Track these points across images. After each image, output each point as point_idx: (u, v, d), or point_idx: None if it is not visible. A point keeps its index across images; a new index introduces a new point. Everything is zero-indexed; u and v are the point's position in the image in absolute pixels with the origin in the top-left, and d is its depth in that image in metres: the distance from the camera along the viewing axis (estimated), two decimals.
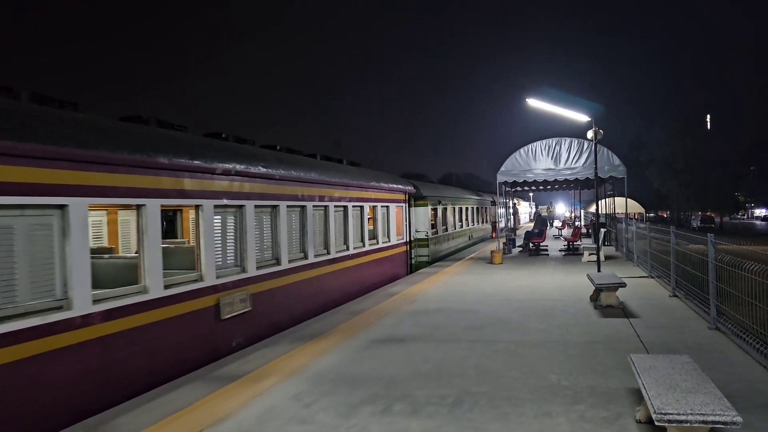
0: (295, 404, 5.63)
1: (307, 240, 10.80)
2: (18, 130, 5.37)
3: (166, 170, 7.27)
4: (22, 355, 5.26)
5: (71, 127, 6.12)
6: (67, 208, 5.79)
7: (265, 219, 9.57)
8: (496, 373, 6.42)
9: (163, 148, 7.26)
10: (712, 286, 8.22)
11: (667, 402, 4.16)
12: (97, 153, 6.17)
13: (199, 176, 7.85)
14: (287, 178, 10.10)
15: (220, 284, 8.18)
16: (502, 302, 11.04)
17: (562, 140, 20.13)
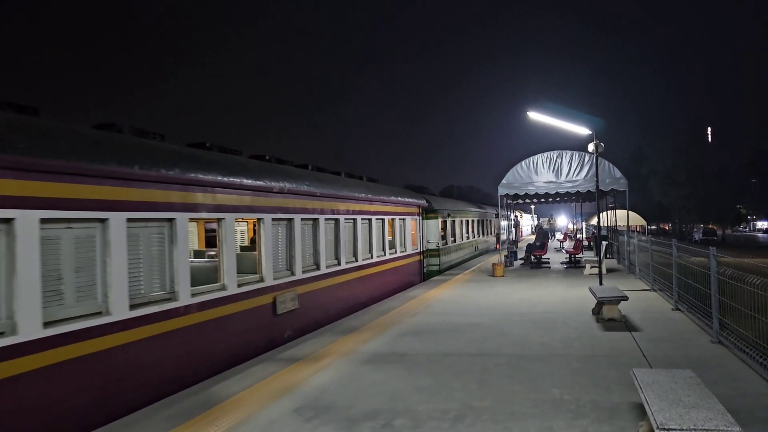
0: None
1: (339, 249, 12.32)
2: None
3: (243, 189, 8.92)
4: (149, 334, 6.79)
5: (208, 164, 8.24)
6: (174, 222, 7.38)
7: (307, 230, 11.01)
8: (499, 387, 6.40)
9: (240, 172, 8.93)
10: (715, 299, 8.20)
11: (670, 417, 4.14)
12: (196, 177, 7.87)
13: (262, 194, 9.44)
14: (325, 195, 11.66)
15: (276, 285, 9.68)
16: (503, 315, 11.02)
17: (563, 153, 20.17)
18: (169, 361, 7.10)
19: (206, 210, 8.09)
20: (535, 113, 17.03)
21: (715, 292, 8.17)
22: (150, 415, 5.80)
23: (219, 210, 8.35)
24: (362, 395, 6.25)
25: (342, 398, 6.15)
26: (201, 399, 6.27)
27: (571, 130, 17.09)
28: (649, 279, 14.68)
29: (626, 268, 19.58)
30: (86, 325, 5.93)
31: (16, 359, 5.19)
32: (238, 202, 8.79)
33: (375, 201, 14.64)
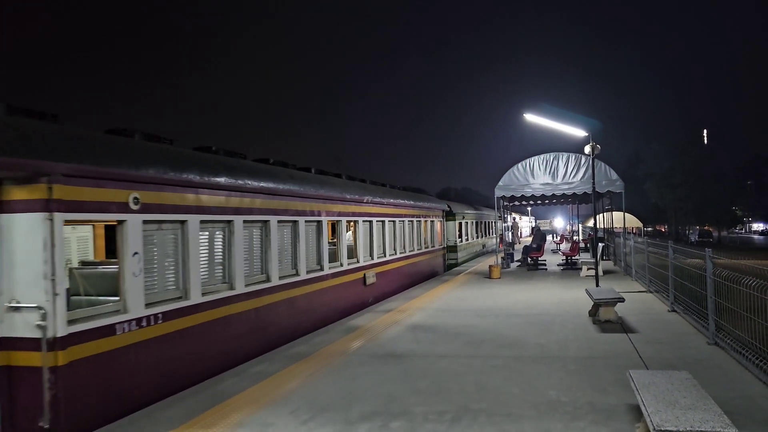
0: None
1: (396, 242, 16.61)
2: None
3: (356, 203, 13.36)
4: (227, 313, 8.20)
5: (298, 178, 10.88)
6: (269, 222, 9.42)
7: (380, 228, 15.37)
8: (495, 389, 6.39)
9: (363, 192, 13.67)
10: (711, 301, 8.21)
11: (666, 419, 4.14)
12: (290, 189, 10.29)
13: (358, 204, 13.55)
14: (391, 204, 16.23)
15: (365, 265, 13.86)
16: (500, 317, 11.02)
17: (560, 155, 20.21)
18: (310, 312, 10.64)
19: (343, 215, 12.69)
20: (532, 115, 17.05)
21: (711, 294, 8.18)
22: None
23: (339, 215, 12.52)
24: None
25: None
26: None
27: (567, 132, 17.12)
28: (645, 281, 14.70)
29: (623, 270, 19.60)
30: (222, 296, 8.03)
31: (189, 315, 7.36)
32: (357, 209, 13.56)
33: (417, 207, 19.10)
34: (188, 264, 7.36)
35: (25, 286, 5.44)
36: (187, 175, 7.38)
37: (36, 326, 5.35)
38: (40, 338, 5.34)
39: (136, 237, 6.47)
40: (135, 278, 6.40)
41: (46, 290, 5.36)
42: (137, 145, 6.96)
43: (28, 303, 5.41)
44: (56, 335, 5.37)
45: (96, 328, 5.84)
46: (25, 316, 5.41)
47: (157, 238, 6.96)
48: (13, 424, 5.35)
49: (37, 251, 5.40)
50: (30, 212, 5.46)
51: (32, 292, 5.40)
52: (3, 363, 5.39)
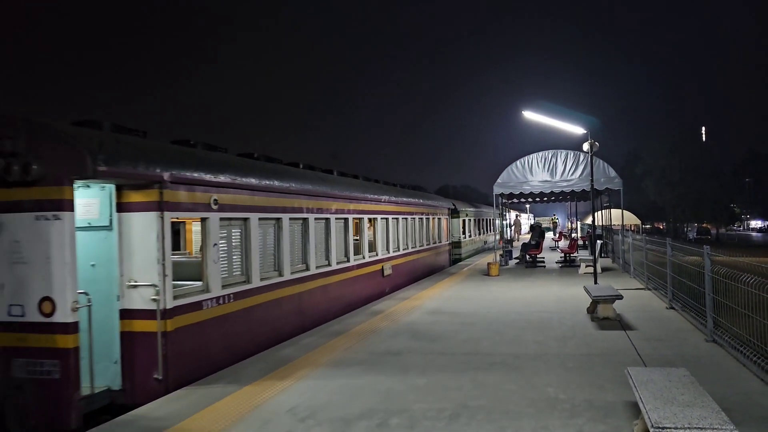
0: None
1: (408, 237, 18.00)
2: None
3: (372, 202, 14.64)
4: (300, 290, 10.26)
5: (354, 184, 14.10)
6: (307, 219, 10.76)
7: (395, 224, 16.68)
8: (494, 387, 6.40)
9: (360, 189, 14.12)
10: (709, 298, 8.22)
11: (664, 416, 4.15)
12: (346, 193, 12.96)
13: (376, 203, 14.88)
14: (404, 203, 17.62)
15: (383, 258, 15.25)
16: (498, 315, 11.03)
17: (558, 152, 20.21)
18: (338, 299, 11.93)
19: (365, 213, 14.14)
20: (530, 113, 17.06)
21: (710, 291, 8.20)
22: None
23: (362, 213, 13.80)
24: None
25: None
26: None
27: (565, 129, 17.12)
28: (643, 278, 14.72)
29: (621, 267, 19.63)
30: (274, 282, 9.41)
31: (256, 296, 8.80)
32: (376, 208, 14.90)
33: (426, 206, 20.57)
34: (250, 254, 8.73)
35: (142, 269, 6.73)
36: (249, 179, 8.78)
37: (151, 300, 6.69)
38: (155, 309, 6.67)
39: (215, 231, 7.90)
40: (214, 265, 7.83)
41: (158, 272, 6.70)
42: (214, 156, 8.48)
43: (145, 282, 6.70)
44: (166, 307, 6.77)
45: (190, 303, 7.27)
46: (142, 293, 6.72)
47: (228, 232, 8.36)
48: (133, 376, 6.68)
49: (152, 242, 6.72)
50: (145, 212, 6.78)
51: (148, 274, 6.72)
52: (125, 329, 6.72)
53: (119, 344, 6.70)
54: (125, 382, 6.67)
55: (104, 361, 6.65)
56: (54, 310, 5.93)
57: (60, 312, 5.91)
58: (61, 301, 5.93)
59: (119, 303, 6.75)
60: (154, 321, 6.69)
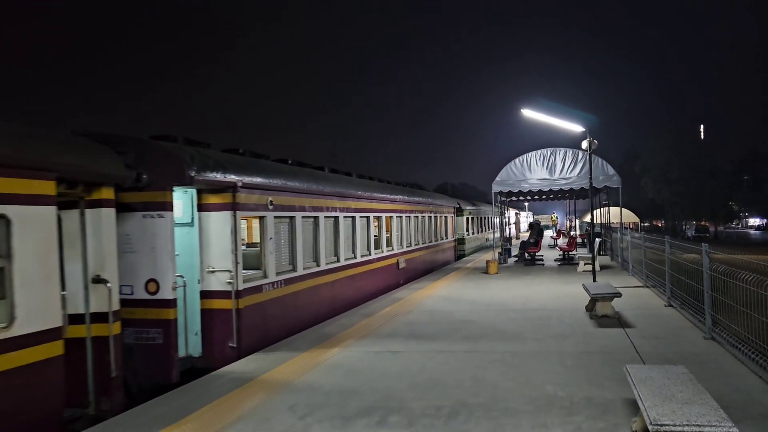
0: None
1: (418, 234, 19.44)
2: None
3: (391, 202, 16.43)
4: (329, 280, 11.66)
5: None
6: (338, 218, 12.31)
7: (408, 222, 18.20)
8: (493, 384, 6.40)
9: (379, 190, 15.75)
10: (707, 296, 8.23)
11: (663, 413, 4.15)
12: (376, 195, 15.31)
13: (392, 203, 16.48)
14: (415, 202, 19.18)
15: (397, 252, 16.79)
16: (497, 312, 11.03)
17: (557, 150, 20.22)
18: (358, 288, 13.25)
19: (383, 212, 15.62)
20: (529, 111, 17.05)
21: (708, 289, 8.20)
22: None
23: (381, 212, 15.44)
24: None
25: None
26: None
27: (564, 127, 17.11)
28: (642, 276, 14.74)
29: (619, 265, 19.65)
30: (313, 270, 10.94)
31: (300, 282, 10.35)
32: (392, 207, 16.45)
33: (435, 205, 22.30)
34: (296, 247, 10.23)
35: (218, 257, 8.19)
36: (294, 184, 10.41)
37: (227, 283, 8.15)
38: (230, 291, 8.16)
39: (270, 227, 9.37)
40: (270, 255, 9.33)
41: (232, 261, 8.16)
42: (268, 165, 10.17)
43: (221, 268, 8.17)
44: (238, 289, 8.23)
45: (254, 286, 8.75)
46: (219, 277, 8.18)
47: (278, 228, 9.78)
48: (212, 345, 8.12)
49: (227, 236, 8.18)
50: (221, 211, 8.24)
51: (223, 262, 8.17)
52: (204, 307, 8.17)
53: (200, 319, 8.16)
54: (205, 349, 8.14)
55: (187, 333, 7.99)
56: (158, 289, 7.39)
57: (163, 290, 7.36)
58: (163, 282, 7.37)
59: (200, 285, 8.22)
60: (229, 300, 8.19)
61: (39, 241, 5.50)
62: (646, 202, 73.30)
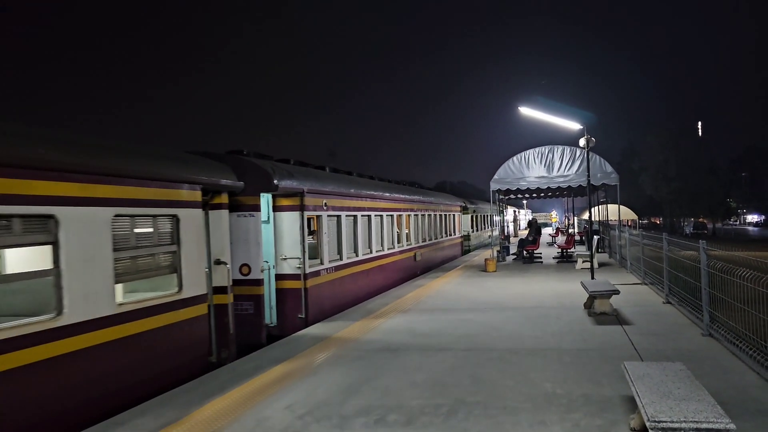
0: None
1: (432, 230, 21.56)
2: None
3: (406, 201, 18.13)
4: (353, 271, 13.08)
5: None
6: (370, 216, 14.29)
7: (423, 220, 20.11)
8: (491, 382, 6.41)
9: (399, 191, 17.83)
10: (705, 292, 8.25)
11: (660, 410, 4.16)
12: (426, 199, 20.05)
13: (408, 202, 18.31)
14: (428, 202, 21.15)
15: (415, 247, 18.78)
16: (496, 310, 11.05)
17: (555, 148, 20.22)
18: (377, 278, 14.77)
19: (404, 210, 17.79)
20: (527, 108, 17.06)
21: (706, 286, 8.22)
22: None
23: (402, 210, 17.53)
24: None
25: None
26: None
27: (562, 125, 17.12)
28: (640, 273, 14.76)
29: (618, 263, 19.67)
30: (354, 260, 13.10)
31: (345, 269, 12.45)
32: (410, 206, 18.47)
33: (445, 204, 24.47)
34: (341, 240, 12.32)
35: (289, 247, 10.32)
36: (340, 189, 12.54)
37: (296, 267, 10.30)
38: (299, 274, 10.31)
39: (325, 224, 11.49)
40: (325, 246, 11.42)
41: (300, 250, 10.25)
42: (321, 173, 12.43)
43: (292, 256, 10.31)
44: (305, 272, 10.36)
45: (314, 271, 10.84)
46: (290, 263, 10.32)
47: (329, 225, 11.77)
48: (284, 316, 10.26)
49: (296, 231, 10.31)
50: (291, 211, 10.36)
51: (294, 251, 10.31)
52: (279, 287, 10.30)
53: (275, 296, 10.28)
54: (279, 319, 10.26)
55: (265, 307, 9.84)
56: (250, 271, 9.48)
57: (253, 272, 9.48)
58: (254, 266, 9.48)
59: (275, 270, 10.33)
60: (299, 281, 10.35)
61: (194, 233, 7.77)
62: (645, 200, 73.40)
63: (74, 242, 5.80)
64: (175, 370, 7.14)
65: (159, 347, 6.96)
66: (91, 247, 6.05)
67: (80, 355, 5.75)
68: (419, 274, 18.50)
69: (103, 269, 6.17)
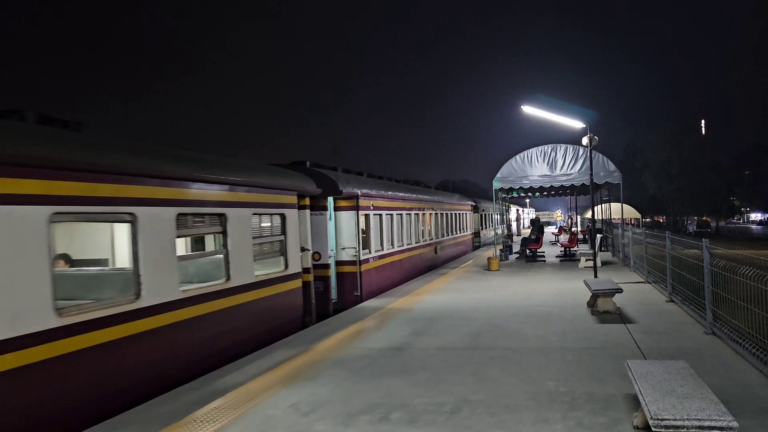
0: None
1: (448, 227, 24.25)
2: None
3: (430, 201, 21.24)
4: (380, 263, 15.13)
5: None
6: (402, 214, 17.17)
7: (439, 217, 22.43)
8: (494, 381, 6.43)
9: (426, 193, 21.34)
10: (708, 291, 8.25)
11: (663, 408, 4.18)
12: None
13: (431, 203, 21.08)
14: (443, 202, 23.57)
15: (435, 241, 21.35)
16: (499, 309, 11.06)
17: (558, 147, 20.22)
18: (400, 269, 16.83)
19: (428, 210, 20.51)
20: (530, 107, 17.05)
21: (709, 284, 8.22)
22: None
23: (428, 210, 20.35)
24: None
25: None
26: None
27: (565, 123, 17.12)
28: (643, 271, 14.75)
29: (621, 261, 19.66)
30: (393, 250, 15.97)
31: (385, 258, 15.33)
32: (432, 206, 21.16)
33: (460, 204, 27.67)
34: (382, 234, 15.03)
35: (347, 239, 12.95)
36: (383, 192, 15.47)
37: (353, 255, 12.94)
38: (355, 260, 12.97)
39: (372, 221, 14.29)
40: (372, 239, 14.18)
41: (356, 241, 12.93)
42: (368, 179, 15.23)
43: (349, 246, 12.94)
44: (360, 259, 13.05)
45: (365, 258, 13.52)
46: (348, 251, 12.91)
47: (374, 222, 14.56)
48: (343, 294, 12.85)
49: (352, 227, 12.98)
50: (349, 211, 13.02)
51: (350, 242, 12.95)
52: (338, 271, 12.86)
53: (335, 278, 12.81)
54: (339, 296, 12.84)
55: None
56: (320, 258, 12.06)
57: (323, 258, 12.10)
58: (323, 253, 12.12)
59: (336, 257, 12.89)
60: (354, 266, 13.06)
61: (294, 227, 10.30)
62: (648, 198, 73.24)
63: (234, 232, 8.38)
64: (286, 324, 9.93)
65: (278, 308, 9.68)
66: (243, 235, 8.61)
67: (238, 308, 8.41)
68: (439, 265, 21.11)
69: (248, 251, 8.76)
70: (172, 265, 7.07)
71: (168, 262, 7.00)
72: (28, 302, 5.18)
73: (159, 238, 6.86)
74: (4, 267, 5.00)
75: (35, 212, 5.29)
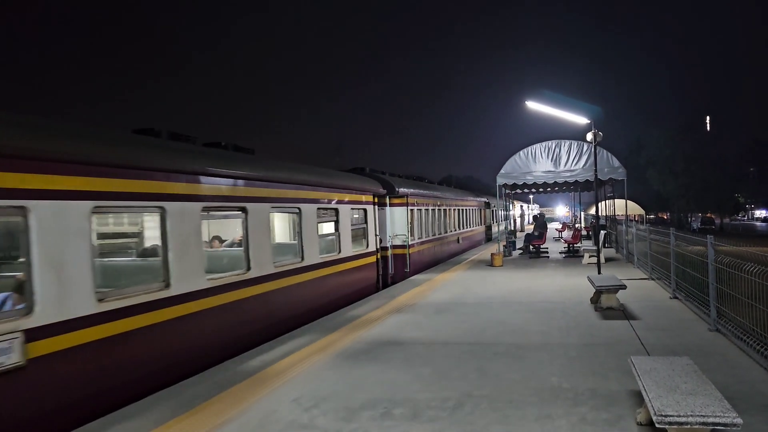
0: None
1: (468, 221, 28.32)
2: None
3: (454, 199, 26.14)
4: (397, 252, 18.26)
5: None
6: (431, 209, 21.27)
7: (456, 213, 25.55)
8: (497, 376, 6.44)
9: (448, 191, 26.06)
10: (712, 287, 8.23)
11: (667, 404, 4.18)
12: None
13: (453, 200, 25.47)
14: (458, 199, 26.49)
15: (457, 233, 25.72)
16: (502, 305, 11.06)
17: (562, 142, 20.13)
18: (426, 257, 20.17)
19: (451, 206, 24.75)
20: (534, 102, 16.99)
21: (713, 281, 8.20)
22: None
23: (450, 205, 24.45)
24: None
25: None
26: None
27: (569, 119, 17.06)
28: (647, 268, 14.72)
29: (624, 258, 19.62)
30: (426, 239, 20.00)
31: (424, 244, 19.91)
32: (453, 203, 25.14)
33: (476, 201, 31.80)
34: (421, 225, 18.68)
35: (400, 228, 16.91)
36: (421, 191, 19.24)
37: (403, 241, 16.90)
38: (405, 245, 16.95)
39: (415, 215, 17.98)
40: (416, 229, 18.03)
41: (406, 230, 17.05)
42: (410, 181, 19.16)
43: (401, 233, 16.93)
44: (410, 244, 17.15)
45: (411, 243, 17.38)
46: (399, 238, 16.86)
47: (416, 216, 18.17)
48: (397, 269, 16.75)
49: (404, 219, 17.08)
50: (401, 207, 17.03)
51: (402, 231, 16.96)
52: (393, 253, 16.70)
53: (392, 258, 16.57)
54: (394, 272, 16.49)
55: None
56: (382, 242, 15.64)
57: (385, 242, 16.19)
58: (385, 239, 16.33)
59: (390, 242, 16.50)
60: (405, 249, 16.86)
61: (372, 218, 14.39)
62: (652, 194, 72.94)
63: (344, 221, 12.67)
64: (365, 288, 13.79)
65: (363, 276, 13.70)
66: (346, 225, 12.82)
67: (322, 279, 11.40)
68: (459, 253, 24.77)
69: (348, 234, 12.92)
70: (315, 242, 11.26)
71: (314, 241, 11.21)
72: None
73: (310, 224, 11.02)
74: None
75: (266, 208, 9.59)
